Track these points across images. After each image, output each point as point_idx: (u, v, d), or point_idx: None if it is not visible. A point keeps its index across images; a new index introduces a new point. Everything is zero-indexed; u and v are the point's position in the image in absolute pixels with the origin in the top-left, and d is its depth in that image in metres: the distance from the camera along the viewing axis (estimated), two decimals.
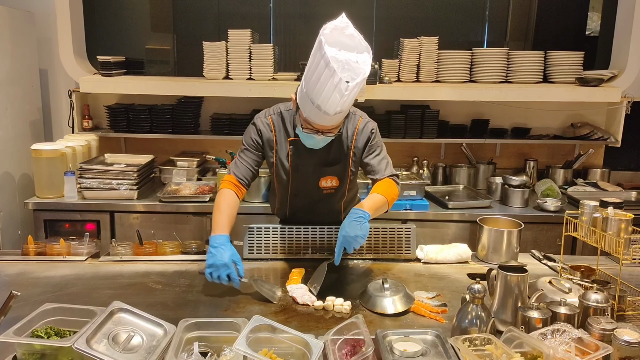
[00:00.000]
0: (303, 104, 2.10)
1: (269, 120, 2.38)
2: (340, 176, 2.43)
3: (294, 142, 2.35)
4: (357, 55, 2.00)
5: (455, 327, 1.75)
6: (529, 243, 3.33)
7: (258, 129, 2.37)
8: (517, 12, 4.47)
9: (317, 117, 2.08)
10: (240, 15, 4.40)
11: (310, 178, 2.41)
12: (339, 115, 2.08)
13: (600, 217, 2.02)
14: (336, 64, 1.94)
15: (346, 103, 2.03)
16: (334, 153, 2.37)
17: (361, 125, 2.37)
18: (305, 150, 2.34)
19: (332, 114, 2.03)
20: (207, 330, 1.68)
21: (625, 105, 3.89)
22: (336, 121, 2.13)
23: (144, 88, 3.85)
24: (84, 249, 2.53)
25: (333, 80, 1.95)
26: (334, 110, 2.02)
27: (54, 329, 1.65)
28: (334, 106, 2.00)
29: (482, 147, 4.15)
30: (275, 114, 2.38)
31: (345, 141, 2.37)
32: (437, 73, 3.96)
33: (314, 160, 2.37)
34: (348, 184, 2.47)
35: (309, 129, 2.16)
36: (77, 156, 3.61)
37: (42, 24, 4.00)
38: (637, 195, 3.86)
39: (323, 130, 2.15)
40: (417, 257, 2.53)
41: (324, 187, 2.43)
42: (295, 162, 2.38)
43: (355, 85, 1.97)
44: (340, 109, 2.03)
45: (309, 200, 2.49)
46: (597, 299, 1.77)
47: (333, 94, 1.97)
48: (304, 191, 2.46)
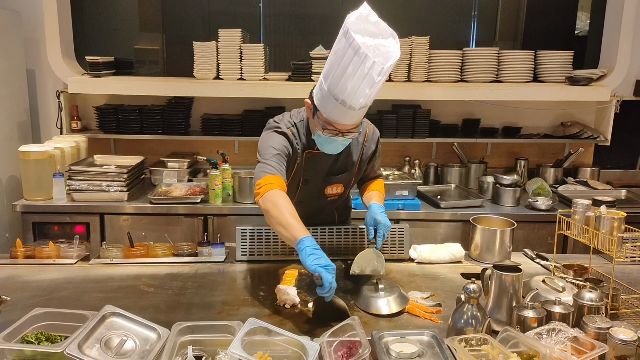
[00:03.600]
0: (324, 103, 2.03)
1: (289, 132, 2.25)
2: (345, 183, 2.43)
3: (310, 154, 2.28)
4: (384, 40, 1.95)
5: (451, 328, 1.74)
6: (520, 242, 3.34)
7: (289, 138, 2.23)
8: (506, 11, 4.49)
9: (340, 114, 2.01)
10: (230, 15, 4.38)
11: (318, 187, 2.40)
12: (362, 110, 2.02)
13: (593, 216, 2.03)
14: (366, 49, 1.89)
15: (373, 94, 1.96)
16: (342, 161, 2.34)
17: (370, 131, 2.38)
18: (319, 161, 2.30)
19: (358, 107, 1.97)
20: (201, 334, 1.66)
21: (615, 104, 3.92)
22: (359, 117, 2.07)
23: (133, 89, 3.82)
24: (73, 252, 2.49)
25: (364, 68, 1.89)
26: (359, 104, 1.96)
27: (44, 334, 1.63)
28: (360, 98, 1.94)
29: (474, 146, 4.17)
30: (292, 127, 2.28)
31: (355, 148, 2.35)
32: (428, 73, 3.96)
33: (325, 170, 2.35)
34: (349, 188, 2.49)
35: (329, 130, 2.07)
36: (65, 158, 3.56)
37: (29, 24, 3.95)
38: (627, 193, 3.89)
39: (344, 131, 2.07)
40: (411, 257, 2.53)
41: (329, 195, 2.43)
42: (307, 174, 2.33)
43: (388, 69, 1.92)
44: (366, 101, 1.97)
45: (312, 207, 2.46)
46: (591, 298, 1.78)
47: (362, 83, 1.91)
48: (309, 200, 2.42)
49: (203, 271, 2.37)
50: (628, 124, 4.11)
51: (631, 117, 4.09)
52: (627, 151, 4.28)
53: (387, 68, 1.91)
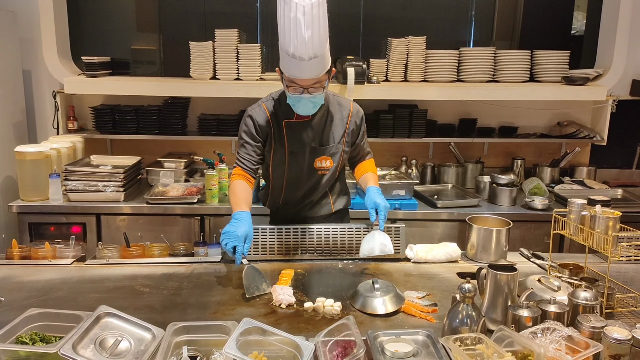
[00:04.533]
0: (282, 63, 2.20)
1: (263, 107, 2.44)
2: (334, 156, 2.49)
3: (288, 124, 2.41)
4: None
5: (446, 327, 1.74)
6: (516, 241, 3.35)
7: (254, 119, 2.42)
8: (503, 11, 4.50)
9: (296, 69, 2.15)
10: (226, 15, 4.37)
11: (306, 159, 2.46)
12: (314, 62, 2.13)
13: (588, 215, 2.03)
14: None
15: (315, 41, 2.08)
16: (328, 132, 2.46)
17: (354, 109, 2.51)
18: (300, 131, 2.42)
19: (307, 58, 2.09)
20: (196, 334, 1.67)
21: (611, 104, 3.93)
22: (315, 70, 2.17)
23: (130, 89, 3.81)
24: (69, 253, 2.49)
25: (290, 13, 2.05)
26: (306, 53, 2.08)
27: (39, 335, 1.63)
28: (303, 46, 2.07)
29: (470, 146, 4.17)
30: (268, 101, 2.46)
31: (340, 122, 2.47)
32: (424, 73, 3.96)
33: (310, 140, 2.44)
34: (340, 164, 2.54)
35: (293, 87, 2.22)
36: (62, 158, 3.55)
37: (25, 24, 3.93)
38: (624, 193, 3.90)
39: (306, 87, 2.20)
40: (407, 256, 2.53)
41: (319, 168, 2.49)
42: (291, 143, 2.43)
43: (311, 8, 2.04)
44: (312, 50, 2.09)
45: (304, 184, 2.52)
46: (586, 297, 1.79)
47: (297, 30, 2.06)
48: (300, 173, 2.50)
49: (199, 271, 2.37)
50: (624, 124, 4.11)
51: (627, 117, 4.09)
52: (624, 151, 4.28)
53: (309, 6, 2.03)
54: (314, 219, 2.62)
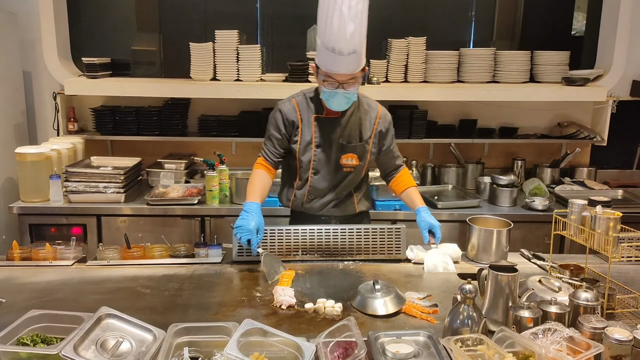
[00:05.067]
0: (320, 57, 2.26)
1: (292, 102, 2.51)
2: (360, 155, 2.52)
3: (318, 119, 2.47)
4: None
5: (447, 328, 1.74)
6: (517, 242, 3.34)
7: (282, 112, 2.49)
8: (503, 12, 4.50)
9: (334, 63, 2.20)
10: (227, 16, 4.38)
11: (332, 155, 2.50)
12: (353, 57, 2.18)
13: (589, 216, 2.03)
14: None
15: (356, 36, 2.13)
16: (356, 131, 2.50)
17: (382, 111, 2.56)
18: (328, 127, 2.47)
19: (346, 52, 2.14)
20: (197, 335, 1.66)
21: (611, 105, 3.94)
22: (352, 66, 2.22)
23: (130, 90, 3.82)
24: (70, 254, 2.49)
25: (335, 6, 2.08)
26: (346, 48, 2.13)
27: (40, 336, 1.63)
28: (343, 40, 2.12)
29: (470, 147, 4.17)
30: (299, 96, 2.52)
31: (368, 123, 2.52)
32: (425, 73, 3.96)
33: (337, 137, 2.48)
34: (366, 164, 2.57)
35: (329, 82, 2.26)
36: (62, 159, 3.56)
37: (25, 25, 3.94)
38: (624, 193, 3.90)
39: (342, 82, 2.25)
40: (408, 257, 2.53)
41: (345, 165, 2.52)
42: (319, 139, 2.48)
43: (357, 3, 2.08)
44: (352, 45, 2.14)
45: (330, 177, 2.54)
46: (587, 298, 1.79)
47: (340, 23, 2.10)
48: (326, 169, 2.53)
49: (200, 272, 2.37)
50: (624, 124, 4.12)
51: (628, 117, 4.10)
52: (624, 151, 4.29)
53: (355, 1, 2.07)
54: (337, 218, 2.62)
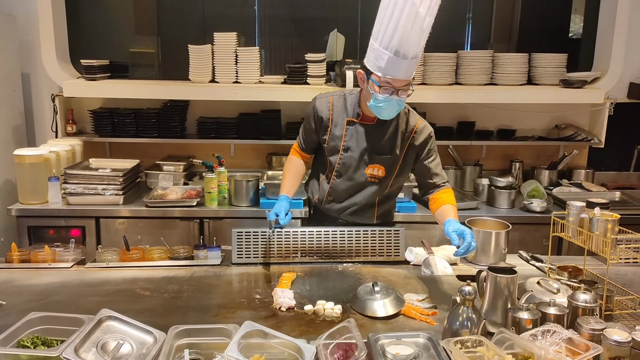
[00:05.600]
0: (378, 62, 2.15)
1: (329, 99, 2.47)
2: (388, 167, 2.46)
3: (351, 123, 2.42)
4: None
5: (447, 330, 1.75)
6: (515, 244, 3.35)
7: (316, 108, 2.47)
8: (500, 14, 4.52)
9: (395, 67, 2.12)
10: (225, 18, 4.39)
11: (359, 162, 2.45)
12: (414, 62, 2.14)
13: (587, 218, 2.04)
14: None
15: (422, 39, 2.09)
16: (388, 142, 2.43)
17: (421, 125, 2.45)
18: (361, 133, 2.41)
19: (410, 56, 2.09)
20: (198, 337, 1.67)
21: (608, 107, 3.95)
22: (411, 70, 2.18)
23: (128, 92, 3.82)
24: (69, 256, 2.49)
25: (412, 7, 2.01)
26: (412, 51, 2.08)
27: (40, 339, 1.63)
28: (410, 44, 2.06)
29: (469, 149, 4.18)
30: (337, 95, 2.48)
31: (402, 135, 2.43)
32: (423, 75, 3.97)
33: (367, 146, 2.42)
34: (393, 178, 2.50)
35: (385, 88, 2.18)
36: (61, 161, 3.55)
37: (24, 27, 3.93)
38: (621, 195, 3.91)
39: (399, 88, 2.18)
40: (407, 259, 2.54)
41: (370, 175, 2.47)
42: (348, 143, 2.44)
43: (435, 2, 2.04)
44: (417, 48, 2.09)
45: (351, 184, 2.51)
46: (585, 299, 1.79)
47: (414, 24, 2.04)
48: (350, 174, 2.49)
49: (199, 274, 2.37)
50: (622, 126, 4.13)
51: (625, 120, 4.11)
52: (621, 153, 4.30)
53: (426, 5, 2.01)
54: (354, 224, 2.58)
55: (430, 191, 2.49)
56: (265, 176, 3.72)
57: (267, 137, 3.96)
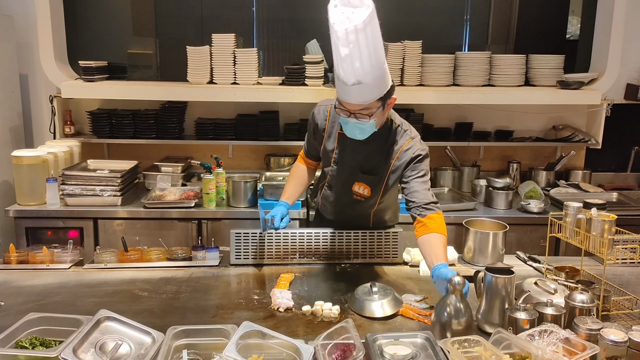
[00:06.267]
0: (336, 85, 2.12)
1: (327, 108, 2.40)
2: (373, 187, 2.39)
3: (342, 135, 2.33)
4: (352, 8, 1.96)
5: (435, 321, 1.77)
6: (513, 244, 3.36)
7: (314, 116, 2.45)
8: (498, 15, 4.53)
9: (343, 92, 2.08)
10: (223, 20, 4.39)
11: (346, 177, 2.42)
12: (358, 88, 2.00)
13: (584, 218, 2.05)
14: (333, 18, 1.96)
15: (357, 69, 1.96)
16: (374, 161, 2.34)
17: (407, 146, 2.30)
18: (350, 148, 2.35)
19: (350, 83, 1.98)
20: (196, 338, 1.67)
21: (606, 108, 3.96)
22: (359, 97, 2.05)
23: (127, 93, 3.82)
24: (67, 257, 2.49)
25: (332, 35, 1.97)
26: (349, 78, 1.98)
27: (39, 339, 1.63)
28: (344, 70, 1.98)
29: (466, 149, 4.19)
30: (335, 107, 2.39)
31: (389, 154, 2.32)
32: (421, 77, 3.98)
33: (354, 163, 2.37)
34: (379, 197, 2.44)
35: (341, 109, 2.14)
36: (59, 162, 3.55)
37: (22, 28, 3.93)
38: (618, 196, 3.92)
39: (353, 112, 2.11)
40: (404, 260, 2.55)
41: (355, 193, 2.42)
42: (339, 155, 2.40)
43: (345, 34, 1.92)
44: (355, 77, 1.97)
45: (339, 198, 2.51)
46: (582, 300, 1.80)
47: (336, 53, 1.98)
48: (337, 188, 2.49)
49: (197, 275, 2.38)
50: (619, 127, 4.15)
51: (622, 121, 4.13)
52: (618, 154, 4.32)
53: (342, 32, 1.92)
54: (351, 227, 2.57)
55: (417, 213, 2.24)
56: (263, 177, 3.73)
57: (265, 138, 3.97)
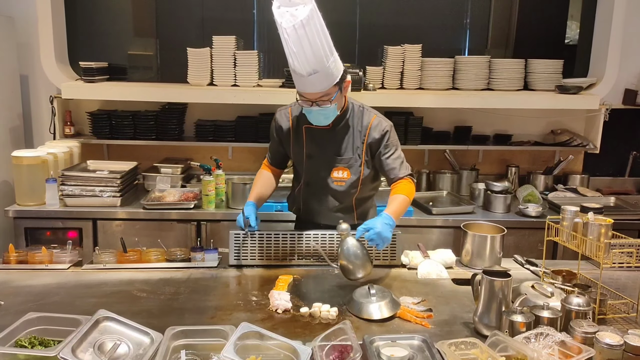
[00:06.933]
0: (294, 79, 2.28)
1: (287, 111, 2.55)
2: (352, 168, 2.49)
3: (309, 129, 2.47)
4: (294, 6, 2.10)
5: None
6: (511, 248, 3.37)
7: (276, 120, 2.57)
8: (497, 20, 4.54)
9: (300, 84, 2.25)
10: (224, 22, 4.40)
11: (323, 167, 2.50)
12: (315, 77, 2.18)
13: (581, 222, 2.06)
14: (279, 18, 2.10)
15: (310, 59, 2.13)
16: (347, 144, 2.47)
17: (375, 122, 2.46)
18: (319, 138, 2.47)
19: (306, 74, 2.16)
20: (194, 338, 1.68)
21: (604, 113, 3.98)
22: (317, 85, 2.22)
23: (127, 94, 3.83)
24: (66, 257, 2.50)
25: (281, 33, 2.10)
26: (304, 69, 2.15)
27: (38, 339, 1.64)
28: (298, 62, 2.14)
29: (465, 153, 4.20)
30: (295, 105, 2.51)
31: (358, 134, 2.47)
32: (420, 80, 4.00)
33: (328, 150, 2.48)
34: (360, 179, 2.50)
35: (303, 100, 2.30)
36: (58, 163, 3.56)
37: (22, 29, 3.95)
38: (616, 200, 3.94)
39: (314, 100, 2.26)
40: (402, 263, 2.55)
41: (335, 178, 2.50)
42: (309, 148, 2.50)
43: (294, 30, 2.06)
44: (310, 67, 2.14)
45: (321, 190, 2.54)
46: (578, 303, 1.81)
47: (288, 48, 2.13)
48: (316, 180, 2.53)
49: (196, 276, 2.38)
50: (617, 132, 4.16)
51: (620, 126, 4.14)
52: (616, 159, 4.33)
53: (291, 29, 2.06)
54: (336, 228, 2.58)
55: (392, 183, 2.49)
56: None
57: (264, 140, 3.93)
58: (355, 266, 2.21)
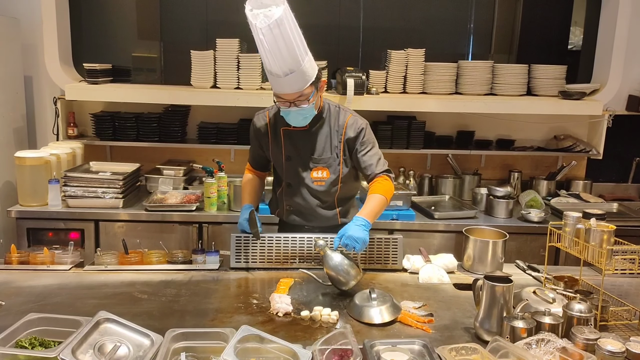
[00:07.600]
0: (270, 81, 2.33)
1: (265, 114, 2.58)
2: (330, 168, 2.52)
3: (286, 131, 2.51)
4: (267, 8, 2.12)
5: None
6: (513, 253, 3.36)
7: (254, 124, 2.60)
8: (501, 25, 4.54)
9: (276, 85, 2.29)
10: (227, 24, 4.40)
11: (302, 168, 2.53)
12: (291, 77, 2.21)
13: (583, 228, 2.06)
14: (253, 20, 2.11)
15: (286, 59, 2.16)
16: (324, 143, 2.51)
17: (350, 121, 2.50)
18: (297, 139, 2.50)
19: (282, 74, 2.20)
20: (195, 341, 1.68)
21: (607, 118, 3.97)
22: (294, 85, 2.25)
23: (130, 96, 3.84)
24: (68, 258, 2.50)
25: (255, 34, 2.12)
26: (280, 70, 2.18)
27: (38, 340, 1.64)
28: (274, 63, 2.17)
29: (468, 158, 4.20)
30: (273, 108, 2.56)
31: (335, 134, 2.51)
32: (423, 85, 4.00)
33: (306, 151, 2.51)
34: (340, 177, 2.53)
35: (281, 102, 2.34)
36: (61, 164, 3.56)
37: (27, 30, 3.96)
38: (619, 206, 3.93)
39: (291, 101, 2.30)
40: (404, 267, 2.55)
41: (315, 178, 2.53)
42: (288, 150, 2.53)
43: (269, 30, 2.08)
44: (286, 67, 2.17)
45: (301, 191, 2.56)
46: (580, 309, 1.81)
47: (263, 50, 2.16)
48: (297, 181, 2.55)
49: (197, 279, 2.38)
50: (620, 138, 4.15)
51: (623, 132, 4.13)
52: (619, 165, 4.32)
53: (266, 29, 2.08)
54: (320, 228, 2.61)
55: (370, 180, 2.50)
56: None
57: None
58: (343, 277, 2.22)
